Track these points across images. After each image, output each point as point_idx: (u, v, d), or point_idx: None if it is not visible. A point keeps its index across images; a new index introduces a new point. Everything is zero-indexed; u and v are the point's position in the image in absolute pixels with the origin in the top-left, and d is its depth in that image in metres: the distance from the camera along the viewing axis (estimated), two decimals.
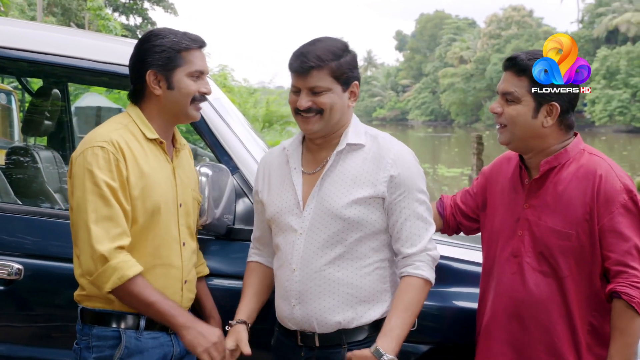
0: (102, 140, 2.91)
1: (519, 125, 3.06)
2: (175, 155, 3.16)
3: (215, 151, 3.64)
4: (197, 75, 3.05)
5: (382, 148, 3.05)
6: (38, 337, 3.53)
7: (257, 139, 4.44)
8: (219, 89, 4.49)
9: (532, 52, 3.11)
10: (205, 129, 3.63)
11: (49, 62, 3.68)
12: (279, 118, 26.93)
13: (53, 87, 5.35)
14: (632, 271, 2.93)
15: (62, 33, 4.33)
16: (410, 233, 3.02)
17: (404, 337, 2.96)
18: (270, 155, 3.28)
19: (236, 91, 27.19)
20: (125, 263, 2.83)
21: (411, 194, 3.02)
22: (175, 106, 3.04)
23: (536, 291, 3.08)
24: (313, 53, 2.95)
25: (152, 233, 2.98)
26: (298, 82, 2.99)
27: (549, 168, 3.08)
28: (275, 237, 3.14)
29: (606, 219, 2.96)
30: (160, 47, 2.99)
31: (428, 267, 3.02)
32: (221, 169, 3.46)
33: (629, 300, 2.89)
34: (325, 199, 3.01)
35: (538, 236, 3.08)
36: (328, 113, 2.97)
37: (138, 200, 2.93)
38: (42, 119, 5.30)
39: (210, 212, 3.35)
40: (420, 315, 3.18)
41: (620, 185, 2.98)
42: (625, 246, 2.95)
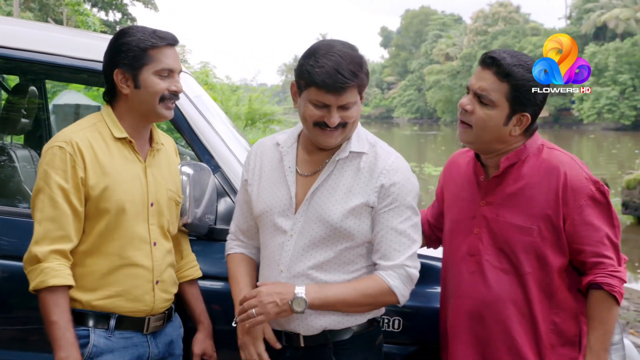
0: (63, 140, 2.96)
1: (488, 130, 3.03)
2: (150, 155, 3.16)
3: (196, 150, 3.64)
4: (165, 74, 3.05)
5: (378, 157, 3.04)
6: (17, 340, 3.52)
7: (239, 137, 4.44)
8: (200, 86, 4.49)
9: (517, 56, 3.02)
10: (186, 127, 3.63)
11: (26, 58, 3.66)
12: (262, 116, 26.89)
13: (30, 84, 5.31)
14: (608, 261, 2.97)
15: (40, 29, 4.31)
16: (390, 248, 2.99)
17: (330, 302, 2.93)
18: (262, 146, 3.22)
19: (218, 88, 27.10)
20: (52, 270, 2.86)
21: (398, 207, 2.99)
22: (143, 105, 3.06)
23: (497, 289, 3.08)
24: (347, 69, 2.83)
25: (117, 233, 3.00)
26: (329, 99, 2.86)
27: (509, 165, 3.08)
28: (263, 234, 3.13)
29: (576, 212, 2.97)
30: (127, 46, 3.02)
31: (399, 280, 2.98)
32: (202, 167, 3.46)
33: (610, 290, 2.94)
34: (319, 205, 3.00)
35: (497, 233, 3.08)
36: (351, 126, 2.96)
37: (100, 200, 2.96)
38: (18, 116, 5.26)
39: (191, 212, 3.36)
40: (405, 316, 3.20)
41: (586, 177, 3.00)
42: (598, 237, 2.98)
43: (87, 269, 2.99)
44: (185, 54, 31.80)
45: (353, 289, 2.97)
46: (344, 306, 2.96)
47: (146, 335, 3.10)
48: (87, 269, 2.99)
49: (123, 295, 3.02)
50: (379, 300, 3.00)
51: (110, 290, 3.00)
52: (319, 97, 2.87)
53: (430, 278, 3.48)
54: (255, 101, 27.15)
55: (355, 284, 2.99)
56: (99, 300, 3.00)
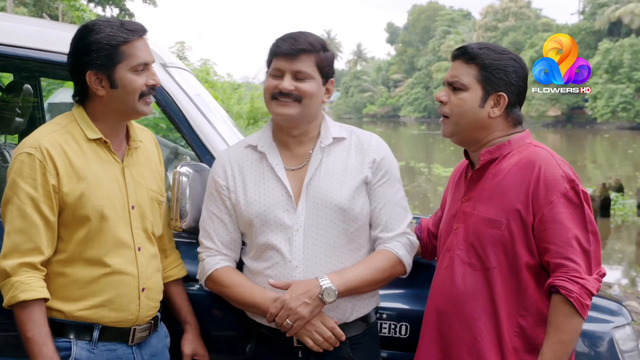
0: (31, 146, 2.89)
1: (465, 115, 3.10)
2: (128, 154, 3.11)
3: (197, 150, 3.64)
4: (141, 68, 2.99)
5: (361, 138, 3.23)
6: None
7: (241, 136, 4.42)
8: (200, 84, 4.49)
9: (484, 44, 3.20)
10: (187, 126, 3.63)
11: (20, 55, 3.66)
12: (264, 115, 26.85)
13: (24, 82, 5.32)
14: (572, 264, 2.92)
15: (34, 25, 4.31)
16: (390, 218, 3.18)
17: (354, 286, 3.06)
18: (234, 152, 3.29)
19: (219, 86, 27.10)
20: (22, 284, 2.81)
21: (390, 180, 3.21)
22: (121, 105, 3.00)
23: (462, 284, 3.09)
24: (304, 38, 3.08)
25: (98, 240, 2.95)
26: (283, 65, 3.08)
27: (490, 159, 3.11)
28: (261, 236, 3.14)
29: (546, 209, 2.95)
30: (96, 45, 2.92)
31: (404, 249, 3.17)
32: (203, 168, 3.46)
33: (567, 294, 2.88)
34: (320, 192, 3.10)
35: (471, 227, 3.11)
36: (307, 101, 3.08)
37: (77, 207, 2.91)
38: (13, 115, 5.27)
39: (191, 214, 3.35)
40: (413, 322, 3.21)
41: (562, 174, 2.97)
42: (565, 237, 2.93)
43: (68, 278, 2.94)
44: (184, 51, 31.83)
45: (367, 267, 3.11)
46: (365, 287, 3.10)
47: (131, 346, 3.06)
48: (68, 279, 2.94)
49: (107, 305, 2.97)
50: (392, 273, 3.17)
51: (94, 300, 2.95)
52: (275, 65, 3.11)
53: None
54: (258, 99, 27.14)
55: (367, 263, 3.13)
56: (82, 310, 2.95)
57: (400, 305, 3.44)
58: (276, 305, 3.01)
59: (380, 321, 3.42)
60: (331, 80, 3.17)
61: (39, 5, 38.39)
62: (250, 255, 3.24)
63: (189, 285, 3.46)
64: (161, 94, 3.60)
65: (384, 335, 3.43)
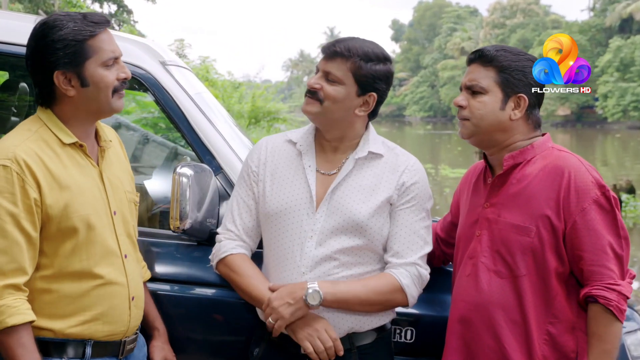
0: (5, 157, 2.70)
1: (486, 118, 3.11)
2: (101, 156, 2.99)
3: (197, 150, 3.64)
4: (111, 63, 2.85)
5: (399, 158, 3.22)
6: None
7: (242, 136, 4.44)
8: (200, 82, 4.49)
9: (500, 46, 3.19)
10: (186, 126, 3.63)
11: (15, 53, 3.59)
12: (266, 114, 26.91)
13: (20, 81, 5.32)
14: (608, 272, 2.93)
15: (30, 22, 4.31)
16: (403, 245, 3.14)
17: (343, 299, 3.02)
18: (273, 142, 3.31)
19: (219, 85, 27.16)
20: (9, 308, 2.64)
21: (415, 207, 3.17)
22: (94, 103, 2.86)
23: (488, 292, 3.09)
24: (346, 43, 3.09)
25: (87, 251, 2.83)
26: (321, 63, 3.14)
27: (514, 164, 3.11)
28: (276, 234, 3.16)
29: (578, 216, 2.96)
30: (62, 42, 2.77)
31: (410, 279, 3.11)
32: (203, 169, 3.46)
33: (606, 304, 2.89)
34: (342, 203, 3.10)
35: (496, 234, 3.10)
36: (329, 104, 3.09)
37: (62, 219, 2.77)
38: (8, 115, 5.27)
39: (191, 216, 3.35)
40: (419, 326, 3.20)
41: (592, 180, 2.98)
42: (599, 244, 2.95)
43: (55, 294, 2.80)
44: (184, 49, 31.87)
45: (364, 285, 3.07)
46: (356, 304, 3.05)
47: (120, 359, 3.00)
48: (55, 295, 2.80)
49: (100, 319, 2.86)
50: (390, 299, 3.11)
51: (85, 315, 2.83)
52: (318, 63, 3.16)
53: (445, 285, 3.47)
54: (259, 98, 27.17)
55: (366, 281, 3.09)
56: (74, 327, 2.83)
57: (405, 310, 3.43)
58: (265, 303, 3.03)
59: None
60: (372, 94, 3.12)
61: (35, 1, 38.46)
62: (263, 252, 3.25)
63: (189, 289, 3.46)
64: (161, 92, 3.61)
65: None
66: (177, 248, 3.56)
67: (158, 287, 3.40)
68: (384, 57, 3.13)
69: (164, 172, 5.37)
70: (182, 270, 3.51)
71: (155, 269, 3.44)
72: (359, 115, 3.15)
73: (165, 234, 3.60)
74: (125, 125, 7.33)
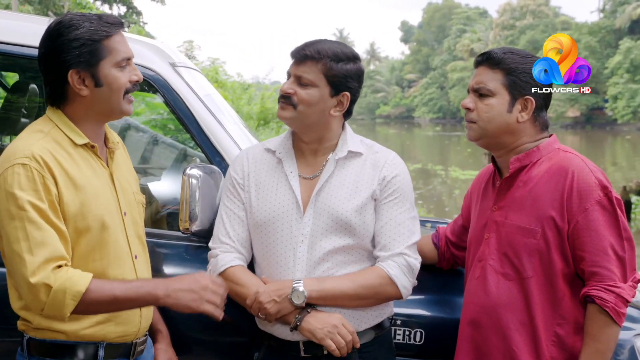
0: (23, 156, 2.68)
1: (493, 121, 3.12)
2: (110, 158, 2.99)
3: (206, 151, 3.65)
4: (124, 64, 2.86)
5: (378, 155, 3.24)
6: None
7: (252, 138, 4.44)
8: (209, 84, 4.49)
9: (508, 48, 3.21)
10: (196, 127, 3.63)
11: (25, 54, 3.64)
12: (275, 116, 26.89)
13: (30, 82, 5.34)
14: (607, 273, 2.95)
15: (39, 23, 4.32)
16: (389, 238, 3.15)
17: (330, 295, 3.05)
18: (253, 153, 3.32)
19: (228, 86, 27.19)
20: (69, 280, 2.61)
21: (398, 199, 3.19)
22: (106, 104, 2.85)
23: (496, 294, 3.11)
24: (315, 46, 3.10)
25: (99, 252, 2.81)
26: (291, 68, 3.15)
27: (520, 166, 3.13)
28: (267, 242, 3.17)
29: (580, 216, 2.97)
30: (78, 41, 2.76)
31: (399, 269, 3.11)
32: (213, 170, 3.47)
33: (602, 304, 2.91)
34: (327, 204, 3.12)
35: (503, 237, 3.12)
36: (303, 108, 3.11)
37: (77, 218, 2.75)
38: (18, 116, 5.28)
39: (201, 218, 3.36)
40: (428, 328, 3.21)
41: (595, 181, 2.99)
42: (600, 245, 2.96)
43: None
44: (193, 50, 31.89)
45: (352, 280, 3.08)
46: (345, 299, 3.07)
47: None
48: None
49: (112, 320, 2.84)
50: (380, 291, 3.11)
51: (99, 316, 2.81)
52: (288, 68, 3.18)
53: (455, 287, 3.47)
54: (268, 100, 27.18)
55: (353, 276, 3.10)
56: (87, 328, 2.80)
57: (414, 312, 3.43)
58: (251, 297, 3.05)
59: (395, 327, 3.42)
60: (345, 94, 3.14)
61: (45, 3, 38.55)
62: (254, 261, 3.27)
63: None
64: (170, 94, 3.62)
65: (398, 342, 3.42)
66: (186, 249, 3.56)
67: None
68: (353, 56, 3.16)
69: (173, 173, 5.38)
70: (191, 272, 3.50)
71: (165, 270, 3.45)
72: (334, 116, 3.17)
73: (174, 235, 3.61)
74: (134, 126, 7.34)
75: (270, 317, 3.02)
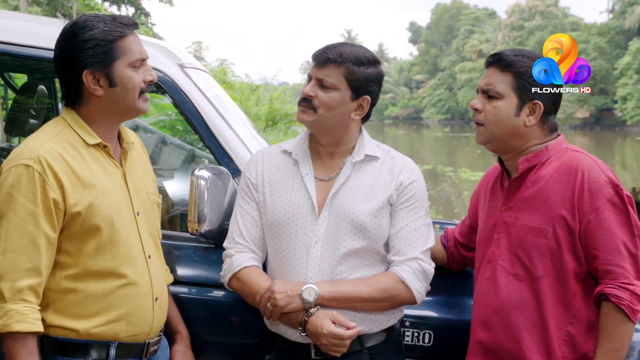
0: (28, 157, 2.74)
1: (500, 124, 3.13)
2: (124, 158, 3.02)
3: (215, 152, 3.65)
4: (138, 64, 2.91)
5: (395, 160, 3.25)
6: None
7: (260, 139, 4.44)
8: (218, 85, 4.49)
9: (518, 50, 3.19)
10: (204, 128, 3.64)
11: (34, 55, 3.66)
12: (283, 117, 26.95)
13: (39, 83, 5.35)
14: (621, 270, 2.95)
15: (48, 24, 4.33)
16: (404, 243, 3.15)
17: (343, 297, 3.05)
18: (269, 153, 3.33)
19: (237, 87, 27.22)
20: (17, 314, 2.66)
21: (414, 205, 3.20)
22: (121, 104, 2.90)
23: (506, 295, 3.10)
24: (337, 49, 3.12)
25: (110, 251, 2.85)
26: (313, 71, 3.15)
27: (529, 167, 3.13)
28: (280, 244, 3.17)
29: (592, 215, 2.97)
30: (92, 42, 2.82)
31: (413, 274, 3.12)
32: (221, 171, 3.47)
33: (617, 302, 2.91)
34: (343, 206, 3.13)
35: (514, 237, 3.12)
36: (323, 112, 3.11)
37: (86, 218, 2.79)
38: (27, 117, 5.29)
39: (209, 219, 3.35)
40: (437, 330, 3.21)
41: (605, 179, 2.99)
42: (613, 243, 2.96)
43: (80, 294, 2.82)
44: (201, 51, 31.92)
45: (366, 284, 3.09)
46: (358, 302, 3.07)
47: None
48: (80, 294, 2.82)
49: (124, 319, 2.88)
50: (394, 295, 3.12)
51: (110, 315, 2.85)
52: (309, 70, 3.18)
53: (465, 289, 3.47)
54: (276, 101, 27.24)
55: (368, 280, 3.12)
56: (98, 327, 2.84)
57: (423, 313, 3.43)
58: (265, 287, 3.07)
59: (404, 329, 3.42)
60: (366, 97, 3.15)
61: (53, 4, 38.61)
62: (267, 262, 3.27)
63: (207, 292, 3.48)
64: (178, 95, 3.62)
65: (407, 343, 3.42)
66: (195, 250, 3.57)
67: (175, 290, 3.41)
68: (374, 60, 3.16)
69: (181, 174, 5.38)
70: (199, 273, 3.53)
71: (173, 271, 3.44)
72: (354, 119, 3.18)
73: (183, 237, 3.62)
74: (142, 127, 7.35)
75: (277, 309, 3.01)
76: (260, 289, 3.09)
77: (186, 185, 3.50)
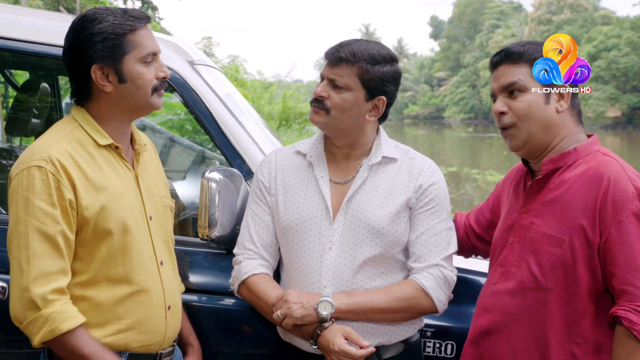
0: (39, 157, 2.74)
1: (533, 117, 3.02)
2: (136, 160, 3.03)
3: (227, 153, 3.65)
4: (149, 59, 2.90)
5: (414, 161, 3.24)
6: None
7: (273, 139, 4.45)
8: (230, 83, 4.50)
9: (523, 41, 3.15)
10: (215, 128, 3.64)
11: (36, 52, 3.67)
12: (297, 116, 26.93)
13: (41, 81, 5.37)
14: (638, 292, 2.79)
15: (50, 19, 4.35)
16: (425, 249, 3.14)
17: (362, 310, 3.05)
18: (282, 155, 3.33)
19: (249, 85, 27.23)
20: (60, 314, 2.68)
21: (435, 208, 3.18)
22: (131, 101, 2.90)
23: (509, 304, 3.03)
24: (350, 47, 3.08)
25: (122, 256, 2.86)
26: (325, 70, 3.15)
27: (553, 168, 3.03)
28: (294, 249, 3.18)
29: (613, 228, 2.82)
30: (101, 35, 2.81)
31: (434, 281, 3.11)
32: (233, 173, 3.47)
33: (629, 327, 2.76)
34: (359, 211, 3.12)
35: (528, 242, 3.03)
36: (336, 113, 3.11)
37: (97, 221, 2.79)
38: (28, 116, 5.31)
39: (221, 223, 3.35)
40: (461, 341, 3.20)
41: (633, 191, 2.84)
42: (634, 262, 2.80)
43: (90, 302, 2.83)
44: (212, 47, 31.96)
45: (384, 294, 3.08)
46: (376, 313, 3.07)
47: None
48: (90, 302, 2.83)
49: (136, 328, 2.89)
50: (414, 305, 3.11)
51: (121, 324, 2.87)
52: (322, 70, 3.19)
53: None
54: (290, 99, 27.22)
55: (386, 289, 3.11)
56: (109, 336, 2.85)
57: (446, 323, 3.43)
58: (279, 295, 3.07)
59: (424, 339, 3.41)
60: (381, 98, 3.14)
61: None
62: (281, 267, 3.28)
63: (218, 300, 3.49)
64: (189, 93, 3.63)
65: (428, 354, 3.42)
66: (205, 257, 3.57)
67: (185, 298, 3.39)
68: (390, 57, 3.14)
69: (191, 176, 5.39)
70: (210, 280, 3.53)
71: (182, 278, 3.45)
72: (369, 121, 3.17)
73: (193, 242, 3.62)
74: (150, 127, 7.38)
75: (292, 319, 3.00)
76: (269, 299, 3.10)
77: (196, 188, 3.50)
